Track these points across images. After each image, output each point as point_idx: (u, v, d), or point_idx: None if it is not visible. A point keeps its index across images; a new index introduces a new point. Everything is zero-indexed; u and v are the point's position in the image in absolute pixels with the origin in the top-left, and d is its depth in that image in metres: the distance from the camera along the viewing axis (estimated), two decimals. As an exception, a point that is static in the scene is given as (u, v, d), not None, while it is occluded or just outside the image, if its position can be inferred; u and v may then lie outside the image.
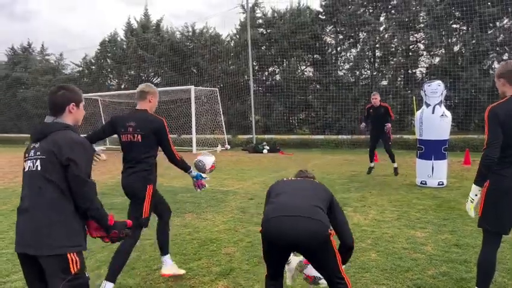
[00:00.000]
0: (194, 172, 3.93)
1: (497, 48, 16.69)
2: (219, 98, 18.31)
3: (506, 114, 2.86)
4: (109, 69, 26.72)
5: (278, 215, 2.56)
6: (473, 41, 16.36)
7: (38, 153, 2.29)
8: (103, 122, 20.81)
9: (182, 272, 3.94)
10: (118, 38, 26.29)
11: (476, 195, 3.05)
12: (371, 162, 9.38)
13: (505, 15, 16.27)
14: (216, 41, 23.25)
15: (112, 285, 3.37)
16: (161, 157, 3.85)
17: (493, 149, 2.89)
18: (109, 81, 26.87)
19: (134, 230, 3.42)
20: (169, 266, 3.89)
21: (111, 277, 3.38)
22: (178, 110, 20.48)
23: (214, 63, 22.56)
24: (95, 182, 2.36)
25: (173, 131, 20.12)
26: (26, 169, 2.33)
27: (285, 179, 3.10)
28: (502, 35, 16.39)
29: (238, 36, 22.67)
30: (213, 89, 18.86)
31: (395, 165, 9.09)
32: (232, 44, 23.16)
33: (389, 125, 8.62)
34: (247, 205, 6.79)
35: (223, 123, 18.50)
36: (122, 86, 25.30)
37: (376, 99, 8.86)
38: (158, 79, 24.87)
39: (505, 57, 16.54)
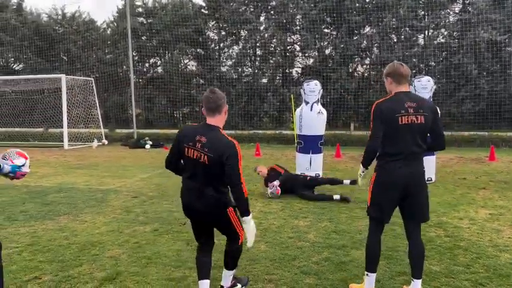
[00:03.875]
0: (6, 167, 2.93)
1: (361, 53, 18.73)
2: (94, 89, 16.97)
3: (388, 111, 3.14)
4: (-46, 51, 22.71)
5: None
6: (342, 45, 18.06)
7: None
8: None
9: None
10: (-32, 15, 22.50)
11: (363, 171, 3.47)
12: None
13: (367, 24, 18.31)
14: (91, 27, 21.54)
15: None
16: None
17: (374, 141, 3.18)
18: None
19: None
20: None
21: None
22: (45, 100, 18.41)
23: (88, 51, 20.86)
24: None
25: (40, 124, 18.06)
26: None
27: None
28: (365, 41, 18.42)
29: (115, 24, 21.33)
30: (87, 78, 17.39)
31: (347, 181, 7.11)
32: (108, 32, 21.70)
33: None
34: (130, 204, 6.41)
35: (100, 117, 17.21)
36: (-26, 72, 21.75)
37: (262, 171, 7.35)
38: (21, 65, 22.07)
39: (367, 61, 18.69)
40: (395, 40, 18.21)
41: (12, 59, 22.25)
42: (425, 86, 7.53)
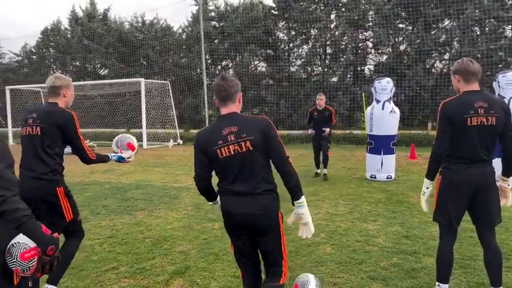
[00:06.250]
0: (114, 157, 3.53)
1: (439, 48, 17.62)
2: (170, 92, 17.88)
3: (455, 110, 2.95)
4: (51, 60, 25.29)
5: None
6: (418, 41, 17.14)
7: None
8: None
9: None
10: (62, 27, 24.95)
11: (427, 188, 3.18)
12: (318, 168, 8.70)
13: (446, 17, 17.18)
14: (167, 33, 22.72)
15: None
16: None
17: (440, 143, 3.00)
18: (51, 72, 25.44)
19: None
20: None
21: (53, 279, 3.12)
22: (127, 103, 19.80)
23: (165, 55, 22.02)
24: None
25: (122, 125, 19.44)
26: None
27: None
28: (443, 36, 17.30)
29: (190, 29, 22.27)
30: (164, 82, 18.38)
31: (325, 171, 8.41)
32: (184, 37, 22.72)
33: (328, 130, 8.07)
34: (201, 201, 6.65)
35: (175, 118, 18.11)
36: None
37: (321, 100, 8.25)
38: (106, 71, 23.93)
39: (446, 56, 17.53)
40: (478, 33, 16.87)
41: (99, 65, 24.21)
42: (510, 82, 6.89)
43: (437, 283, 3.15)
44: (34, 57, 25.37)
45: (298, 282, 3.18)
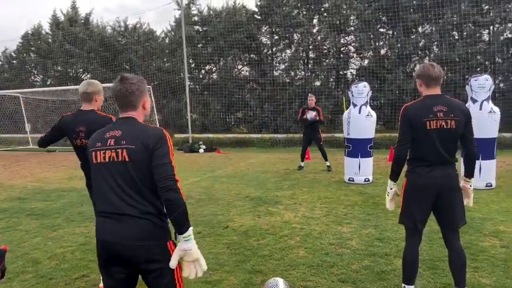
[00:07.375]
0: None
1: (419, 52, 17.91)
2: (152, 96, 17.77)
3: (415, 114, 3.02)
4: (32, 64, 24.91)
5: None
6: (398, 45, 17.39)
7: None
8: (25, 121, 19.42)
9: None
10: (43, 31, 24.60)
11: (391, 188, 3.27)
12: (302, 161, 10.26)
13: (425, 22, 17.49)
14: (150, 37, 22.61)
15: None
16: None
17: (401, 147, 3.09)
18: (32, 77, 25.06)
19: None
20: None
21: None
22: (111, 108, 19.58)
23: (148, 60, 21.90)
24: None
25: (105, 130, 19.22)
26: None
27: None
28: (423, 40, 17.60)
29: (173, 33, 22.20)
30: (146, 86, 18.27)
31: (327, 163, 9.92)
32: (167, 41, 22.64)
33: (315, 113, 9.54)
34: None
35: (157, 122, 18.01)
36: (48, 83, 23.74)
37: (312, 100, 9.87)
38: (88, 75, 23.63)
39: (426, 60, 17.80)
40: (457, 37, 17.20)
41: (81, 70, 23.93)
42: (482, 85, 7.03)
43: (403, 285, 3.20)
44: (14, 61, 24.98)
45: (268, 287, 3.20)
